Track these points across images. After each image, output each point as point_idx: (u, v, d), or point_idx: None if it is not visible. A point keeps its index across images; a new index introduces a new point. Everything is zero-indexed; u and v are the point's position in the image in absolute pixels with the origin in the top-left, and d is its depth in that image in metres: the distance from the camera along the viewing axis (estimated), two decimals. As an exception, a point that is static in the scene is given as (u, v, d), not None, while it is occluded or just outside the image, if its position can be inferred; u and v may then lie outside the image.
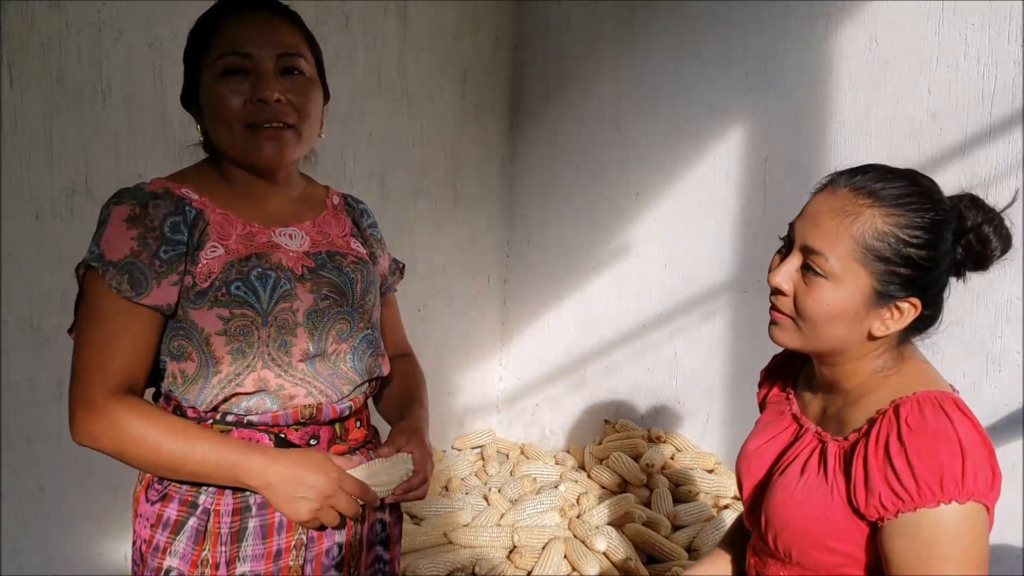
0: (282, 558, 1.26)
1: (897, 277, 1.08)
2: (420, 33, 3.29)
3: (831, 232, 1.10)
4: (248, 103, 1.24)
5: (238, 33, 1.25)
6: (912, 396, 1.08)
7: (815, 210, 1.13)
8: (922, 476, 1.02)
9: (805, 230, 1.13)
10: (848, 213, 1.09)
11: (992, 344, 2.36)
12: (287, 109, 1.26)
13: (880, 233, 1.08)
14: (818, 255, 1.10)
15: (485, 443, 3.58)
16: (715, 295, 3.05)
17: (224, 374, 1.22)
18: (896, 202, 1.08)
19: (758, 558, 1.27)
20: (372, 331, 1.37)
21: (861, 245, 1.08)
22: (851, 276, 1.09)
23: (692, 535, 2.69)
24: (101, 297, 1.20)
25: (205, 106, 1.28)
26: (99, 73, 2.38)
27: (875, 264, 1.08)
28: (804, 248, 1.12)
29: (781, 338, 1.18)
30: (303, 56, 1.29)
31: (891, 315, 1.11)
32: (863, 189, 1.10)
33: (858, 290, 1.09)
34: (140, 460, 1.19)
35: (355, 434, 1.36)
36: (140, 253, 1.20)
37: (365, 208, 1.53)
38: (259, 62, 1.24)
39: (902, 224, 1.08)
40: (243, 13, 1.27)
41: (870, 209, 1.08)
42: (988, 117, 2.35)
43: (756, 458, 1.28)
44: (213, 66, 1.25)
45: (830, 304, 1.10)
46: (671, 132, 3.15)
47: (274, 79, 1.25)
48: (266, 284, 1.24)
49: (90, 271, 1.21)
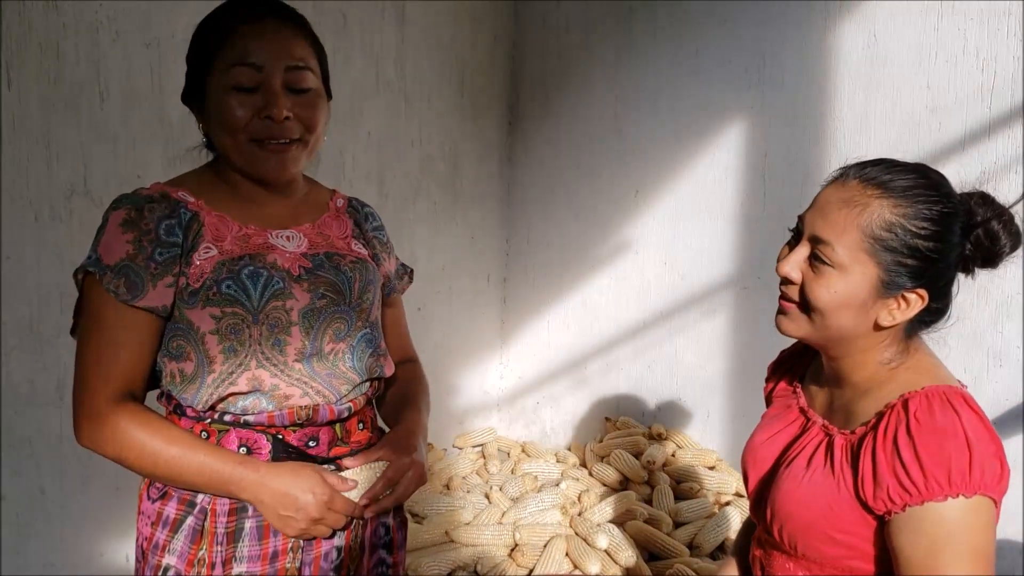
0: (279, 560, 1.26)
1: (904, 268, 1.09)
2: (418, 33, 3.28)
3: (839, 222, 1.10)
4: (256, 118, 1.24)
5: (249, 44, 1.24)
6: (921, 390, 1.09)
7: (824, 200, 1.14)
8: (930, 470, 1.02)
9: (814, 220, 1.14)
10: (857, 204, 1.10)
11: (993, 339, 2.36)
12: (294, 125, 1.26)
13: (888, 223, 1.08)
14: (826, 244, 1.11)
15: (486, 441, 3.58)
16: (715, 292, 3.05)
17: (218, 373, 1.23)
18: (905, 193, 1.09)
19: (763, 550, 1.27)
20: (371, 330, 1.36)
21: (869, 235, 1.09)
22: (859, 266, 1.10)
23: (694, 532, 2.68)
24: (100, 303, 1.21)
25: (211, 113, 1.28)
26: (97, 74, 2.38)
27: (883, 254, 1.09)
28: (812, 238, 1.13)
29: (789, 328, 1.18)
30: (310, 68, 1.29)
31: (898, 305, 1.11)
32: (873, 180, 1.11)
33: (865, 280, 1.10)
34: (140, 467, 1.21)
35: (358, 436, 1.35)
36: (135, 256, 1.21)
37: (371, 212, 1.52)
38: (269, 77, 1.23)
39: (910, 215, 1.08)
40: (253, 22, 1.25)
41: (878, 200, 1.09)
42: (987, 112, 2.35)
43: (763, 451, 1.28)
44: (222, 76, 1.24)
45: (837, 292, 1.11)
46: (670, 130, 3.15)
47: (283, 96, 1.24)
48: (257, 282, 1.24)
49: (88, 276, 1.22)
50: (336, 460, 1.30)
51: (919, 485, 1.02)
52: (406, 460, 1.31)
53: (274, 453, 1.25)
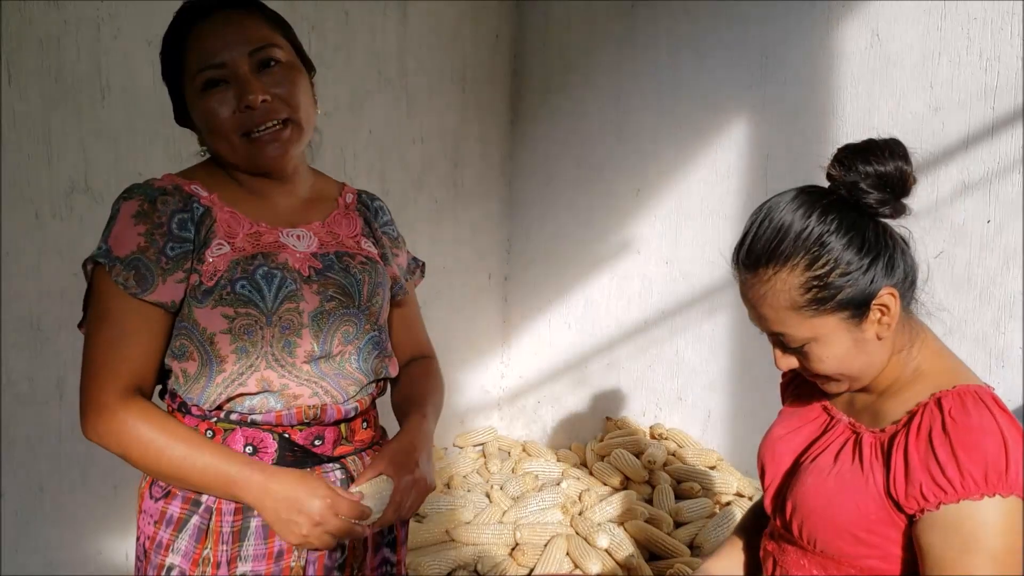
0: (284, 558, 1.25)
1: (852, 291, 1.08)
2: (420, 30, 3.28)
3: (771, 315, 1.12)
4: (237, 112, 1.22)
5: (206, 44, 1.23)
6: (953, 389, 1.08)
7: (746, 302, 1.16)
8: (967, 468, 1.02)
9: (757, 322, 1.16)
10: (766, 292, 1.11)
11: (995, 340, 2.36)
12: (276, 106, 1.24)
13: (803, 284, 1.09)
14: (783, 335, 1.13)
15: (486, 440, 3.58)
16: (716, 291, 3.04)
17: (228, 373, 1.21)
18: (786, 254, 1.09)
19: (776, 544, 1.26)
20: (379, 333, 1.35)
21: (801, 305, 1.09)
22: (820, 328, 1.10)
23: (694, 532, 2.68)
24: (110, 295, 1.19)
25: (198, 123, 1.27)
26: (98, 71, 2.37)
27: (826, 304, 1.09)
28: (770, 335, 1.16)
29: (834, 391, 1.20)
30: (275, 44, 1.26)
31: (881, 314, 1.11)
32: (755, 263, 1.11)
33: (838, 330, 1.11)
34: (143, 464, 1.20)
35: (361, 435, 1.34)
36: (147, 249, 1.19)
37: (381, 206, 1.50)
38: (234, 68, 1.22)
39: (808, 263, 1.08)
40: (204, 21, 1.24)
41: (776, 275, 1.10)
42: (991, 112, 2.34)
43: (782, 445, 1.28)
44: (192, 83, 1.24)
45: (830, 357, 1.13)
46: (672, 128, 3.14)
47: (254, 80, 1.22)
48: (271, 283, 1.23)
49: (97, 267, 1.21)
50: (341, 459, 1.30)
51: (955, 483, 1.02)
52: (408, 479, 1.26)
53: (280, 452, 1.24)
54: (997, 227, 2.34)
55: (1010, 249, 2.32)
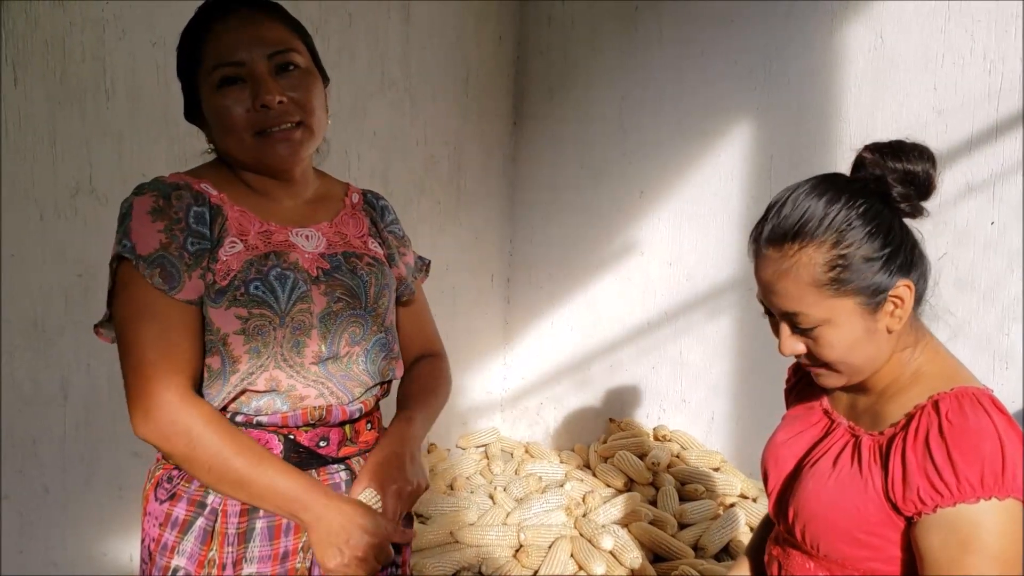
0: (289, 560, 1.25)
1: (872, 278, 1.09)
2: (423, 31, 3.28)
3: (790, 292, 1.11)
4: (251, 111, 1.23)
5: (225, 41, 1.23)
6: (950, 392, 1.08)
7: (764, 280, 1.15)
8: (963, 471, 1.01)
9: (770, 300, 1.15)
10: (788, 267, 1.10)
11: (999, 342, 2.35)
12: (291, 108, 1.24)
13: (828, 262, 1.08)
14: (796, 315, 1.12)
15: (489, 442, 3.57)
16: (720, 293, 3.04)
17: (240, 373, 1.22)
18: (815, 230, 1.09)
19: (781, 549, 1.27)
20: (385, 334, 1.35)
21: (823, 284, 1.09)
22: (837, 310, 1.10)
23: (698, 533, 2.68)
24: (145, 291, 1.18)
25: (210, 119, 1.27)
26: (102, 72, 2.38)
27: (847, 286, 1.09)
28: (782, 315, 1.15)
29: (830, 384, 1.19)
30: (295, 49, 1.27)
31: (895, 306, 1.11)
32: (780, 238, 1.11)
33: (853, 315, 1.10)
34: (205, 471, 1.18)
35: (365, 436, 1.34)
36: (169, 245, 1.19)
37: (386, 205, 1.50)
38: (252, 67, 1.23)
39: (835, 242, 1.08)
40: (225, 19, 1.25)
41: (802, 251, 1.09)
42: (994, 114, 2.34)
43: (785, 450, 1.28)
44: (208, 79, 1.24)
45: (840, 343, 1.12)
46: (675, 130, 3.14)
47: (272, 81, 1.23)
48: (285, 284, 1.23)
49: (123, 263, 1.20)
50: (346, 460, 1.30)
51: (951, 486, 1.02)
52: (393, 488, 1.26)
53: (285, 453, 1.24)
54: (1001, 229, 2.34)
55: (1014, 251, 2.32)
